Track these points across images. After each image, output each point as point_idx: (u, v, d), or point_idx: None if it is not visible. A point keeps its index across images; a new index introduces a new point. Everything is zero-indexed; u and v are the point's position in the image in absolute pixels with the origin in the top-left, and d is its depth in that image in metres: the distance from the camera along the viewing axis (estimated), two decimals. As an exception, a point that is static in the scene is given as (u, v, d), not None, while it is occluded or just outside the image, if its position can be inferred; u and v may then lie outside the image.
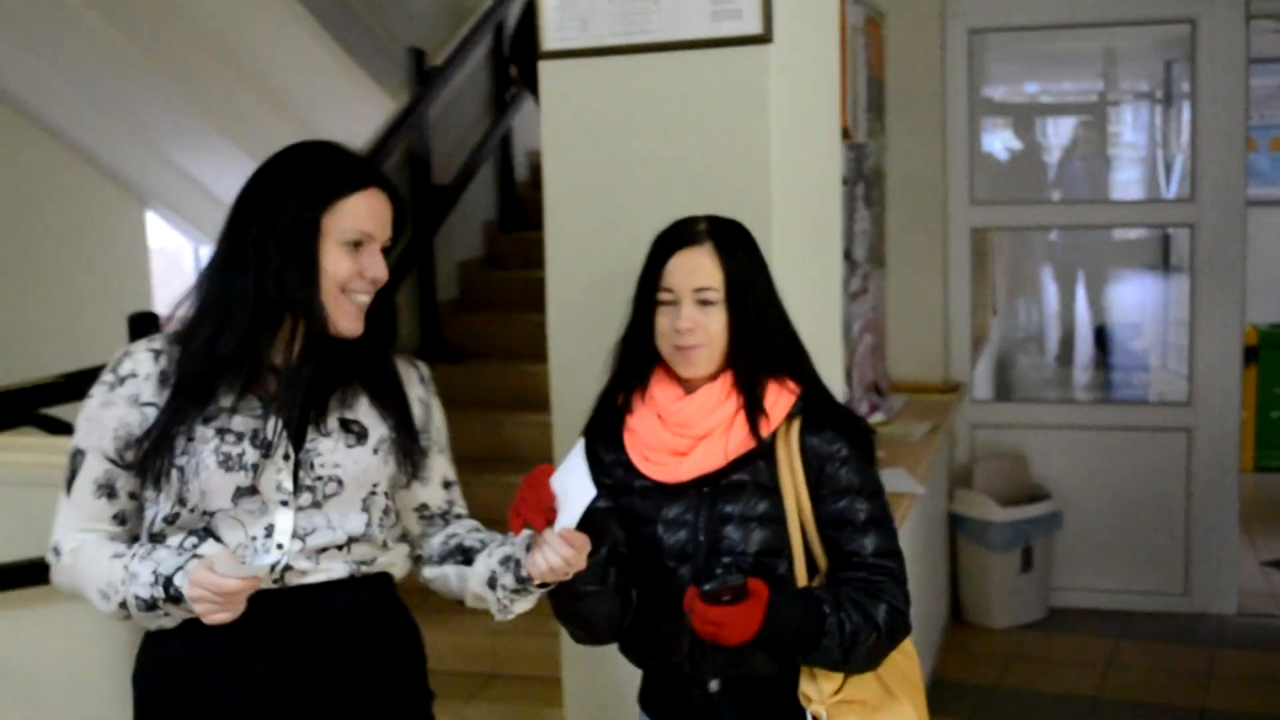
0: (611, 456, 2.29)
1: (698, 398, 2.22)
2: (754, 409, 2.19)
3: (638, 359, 2.28)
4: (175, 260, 8.70)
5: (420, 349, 5.65)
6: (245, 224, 2.10)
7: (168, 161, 7.01)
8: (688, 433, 2.21)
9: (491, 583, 2.19)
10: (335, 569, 2.16)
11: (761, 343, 2.22)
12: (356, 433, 2.17)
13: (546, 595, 2.20)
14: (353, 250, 2.12)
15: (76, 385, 3.63)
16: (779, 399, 2.21)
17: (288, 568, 2.13)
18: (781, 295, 2.29)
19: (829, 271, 3.25)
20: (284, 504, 2.12)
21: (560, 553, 2.04)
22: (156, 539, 2.15)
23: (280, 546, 2.12)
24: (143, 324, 3.53)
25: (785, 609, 2.09)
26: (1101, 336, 7.14)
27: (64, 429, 3.88)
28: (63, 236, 6.57)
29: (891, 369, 5.52)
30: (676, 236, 2.25)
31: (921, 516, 4.72)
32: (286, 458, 2.12)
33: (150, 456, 2.11)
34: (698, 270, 2.20)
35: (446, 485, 2.32)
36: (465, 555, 2.26)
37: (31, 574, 3.37)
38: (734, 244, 2.24)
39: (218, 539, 2.12)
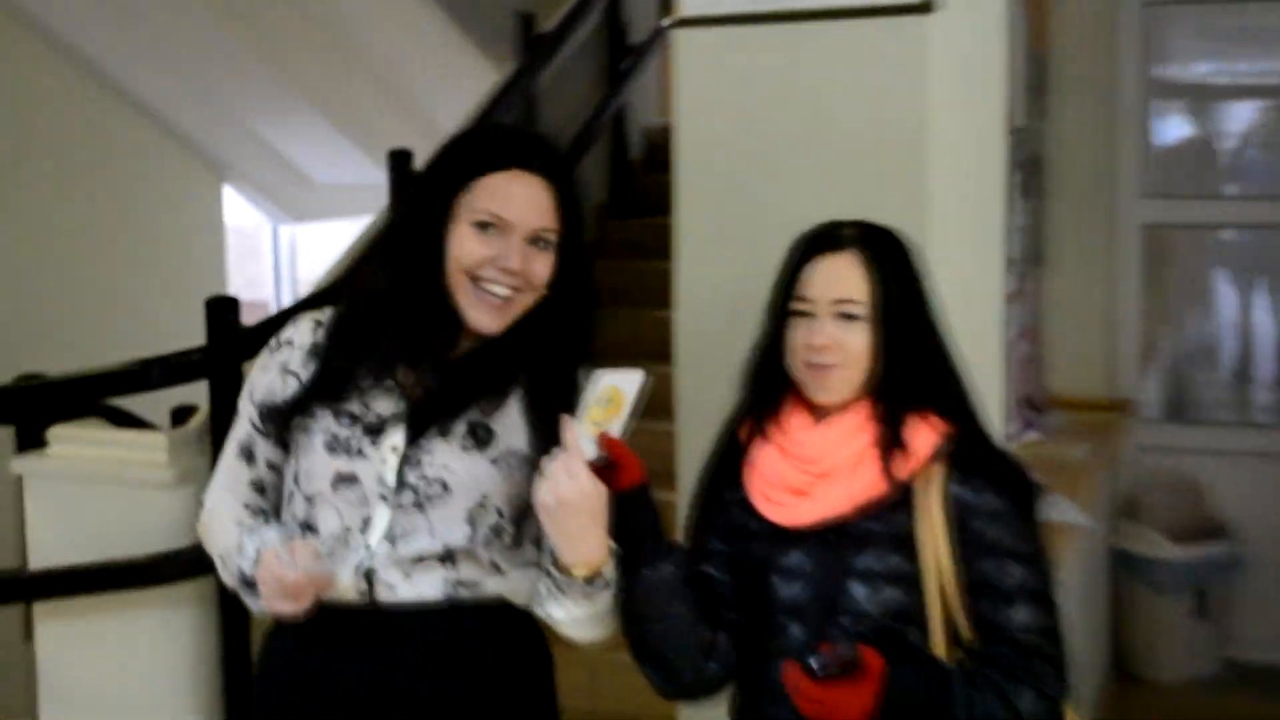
0: (730, 494, 2.23)
1: (825, 429, 2.15)
2: (889, 446, 2.10)
3: (767, 380, 2.21)
4: (252, 240, 8.81)
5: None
6: (399, 210, 2.26)
7: (248, 132, 7.11)
8: (811, 469, 2.13)
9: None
10: (429, 588, 2.16)
11: (911, 370, 2.13)
12: (480, 438, 2.18)
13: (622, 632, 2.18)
14: (482, 233, 2.14)
15: (145, 374, 3.68)
16: (921, 436, 2.11)
17: (372, 573, 2.15)
18: (941, 315, 2.21)
19: (989, 272, 3.20)
20: (383, 498, 2.15)
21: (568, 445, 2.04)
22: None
23: (368, 547, 2.15)
24: (222, 309, 3.57)
25: (905, 685, 1.99)
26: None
27: (132, 422, 3.94)
28: (132, 210, 6.68)
29: (1049, 382, 5.43)
30: (818, 240, 2.18)
31: (1080, 552, 4.63)
32: (394, 450, 2.15)
33: (280, 429, 2.23)
34: (840, 280, 2.13)
35: None
36: None
37: (96, 580, 3.42)
38: (886, 253, 2.16)
39: (313, 529, 2.18)
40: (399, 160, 4.86)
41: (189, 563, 3.30)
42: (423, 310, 2.17)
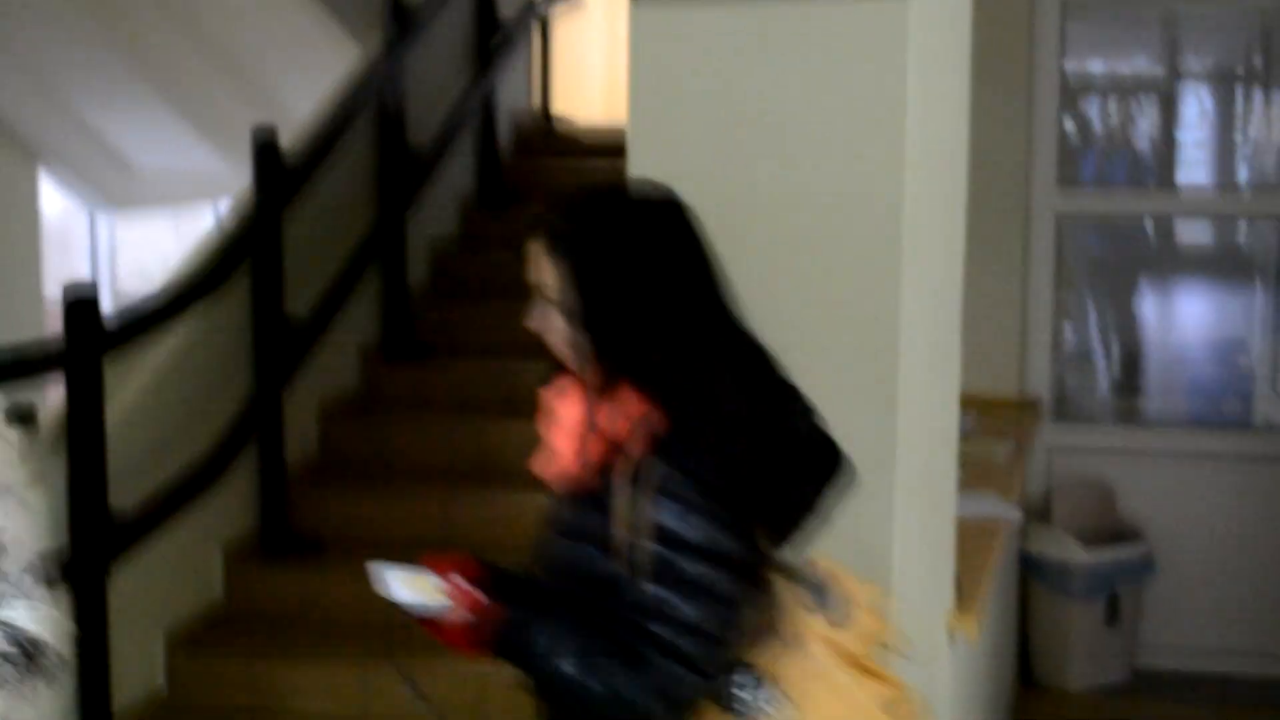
0: None
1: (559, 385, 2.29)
2: (583, 431, 2.21)
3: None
4: (63, 231, 8.55)
5: (386, 343, 5.65)
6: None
7: (67, 109, 6.91)
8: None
9: None
10: None
11: (610, 354, 2.21)
12: None
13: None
14: None
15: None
16: (611, 422, 2.20)
17: None
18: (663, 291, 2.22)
19: (954, 263, 3.29)
20: None
21: None
22: None
23: None
24: (80, 301, 3.55)
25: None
26: (1203, 351, 7.13)
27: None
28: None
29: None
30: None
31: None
32: None
33: None
34: (534, 266, 2.24)
35: None
36: None
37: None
38: (573, 231, 2.24)
39: None
40: (264, 144, 4.78)
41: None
42: None
